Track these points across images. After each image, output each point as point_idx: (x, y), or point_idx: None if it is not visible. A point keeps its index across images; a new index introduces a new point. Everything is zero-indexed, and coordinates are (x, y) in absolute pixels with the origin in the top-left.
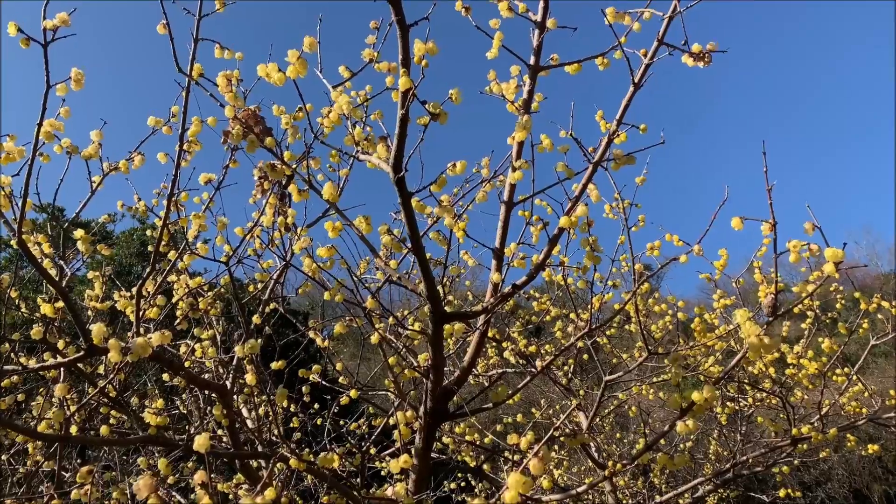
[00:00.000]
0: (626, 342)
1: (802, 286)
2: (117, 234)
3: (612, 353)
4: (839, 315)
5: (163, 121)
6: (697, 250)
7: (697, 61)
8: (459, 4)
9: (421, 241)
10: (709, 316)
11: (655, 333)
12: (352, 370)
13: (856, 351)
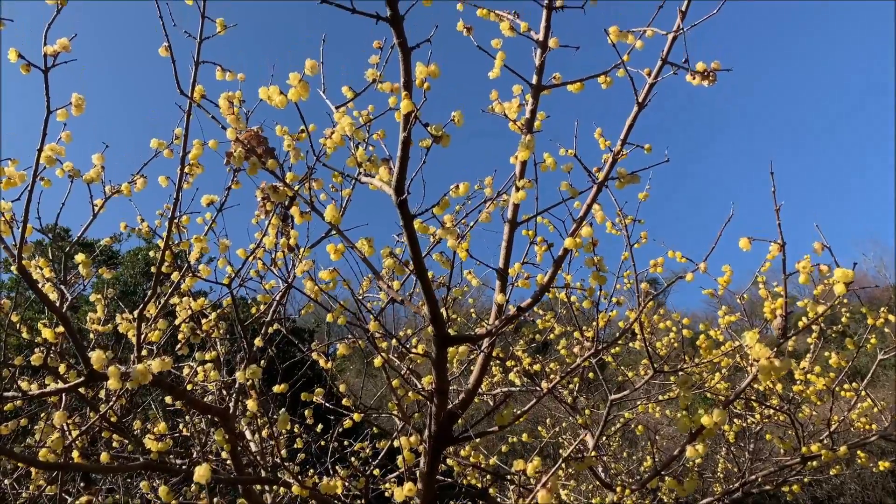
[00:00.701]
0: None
1: (812, 306)
2: (122, 254)
3: (618, 370)
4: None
5: (165, 143)
6: (703, 268)
7: (702, 80)
8: (461, 25)
9: (423, 264)
10: (714, 332)
11: (661, 350)
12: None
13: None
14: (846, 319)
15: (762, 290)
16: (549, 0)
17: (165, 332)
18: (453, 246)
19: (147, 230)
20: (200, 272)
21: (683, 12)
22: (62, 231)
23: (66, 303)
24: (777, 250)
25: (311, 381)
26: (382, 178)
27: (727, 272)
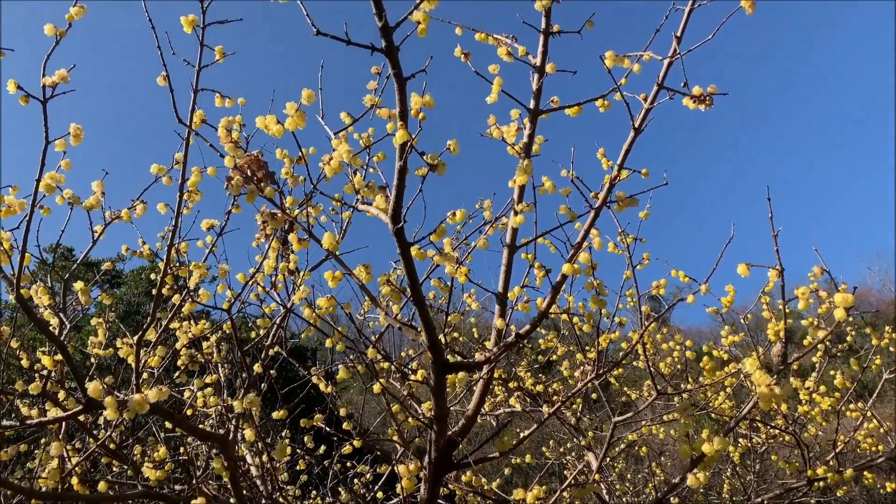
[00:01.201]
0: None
1: (813, 331)
2: (126, 273)
3: (622, 389)
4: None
5: (165, 168)
6: (704, 290)
7: (699, 104)
8: (459, 50)
9: (421, 292)
10: (718, 352)
11: (665, 370)
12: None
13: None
14: (851, 338)
15: (766, 311)
16: (546, 26)
17: (165, 358)
18: (451, 272)
19: (148, 253)
20: (200, 297)
21: (679, 37)
22: (66, 251)
23: (65, 330)
24: (776, 276)
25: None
26: (379, 206)
27: (731, 293)
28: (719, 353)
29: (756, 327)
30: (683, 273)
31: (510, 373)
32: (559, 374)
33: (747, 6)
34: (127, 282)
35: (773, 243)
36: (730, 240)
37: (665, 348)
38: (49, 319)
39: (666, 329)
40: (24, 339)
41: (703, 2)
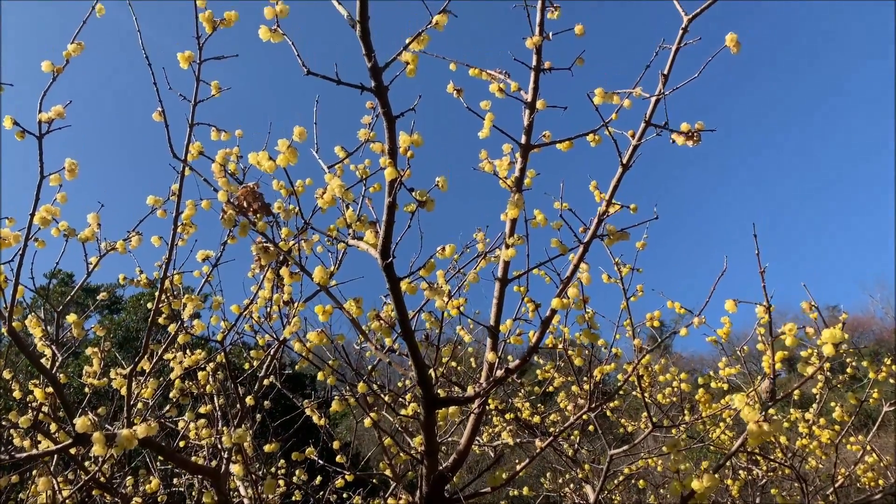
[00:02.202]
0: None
1: (802, 367)
2: (125, 299)
3: (619, 421)
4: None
5: (161, 200)
6: (698, 322)
7: (686, 140)
8: (451, 87)
9: (410, 327)
10: (716, 382)
11: (663, 400)
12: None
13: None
14: (851, 370)
15: (760, 343)
16: (538, 63)
17: (158, 390)
18: (442, 306)
19: (145, 282)
20: (194, 328)
21: (665, 76)
22: (65, 276)
23: (57, 362)
24: (763, 313)
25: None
26: (369, 242)
27: (727, 324)
28: (718, 384)
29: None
30: (679, 304)
31: (507, 403)
32: (557, 405)
33: (731, 46)
34: (126, 307)
35: (760, 280)
36: (723, 272)
37: (662, 380)
38: (42, 350)
39: (664, 360)
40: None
41: (689, 41)
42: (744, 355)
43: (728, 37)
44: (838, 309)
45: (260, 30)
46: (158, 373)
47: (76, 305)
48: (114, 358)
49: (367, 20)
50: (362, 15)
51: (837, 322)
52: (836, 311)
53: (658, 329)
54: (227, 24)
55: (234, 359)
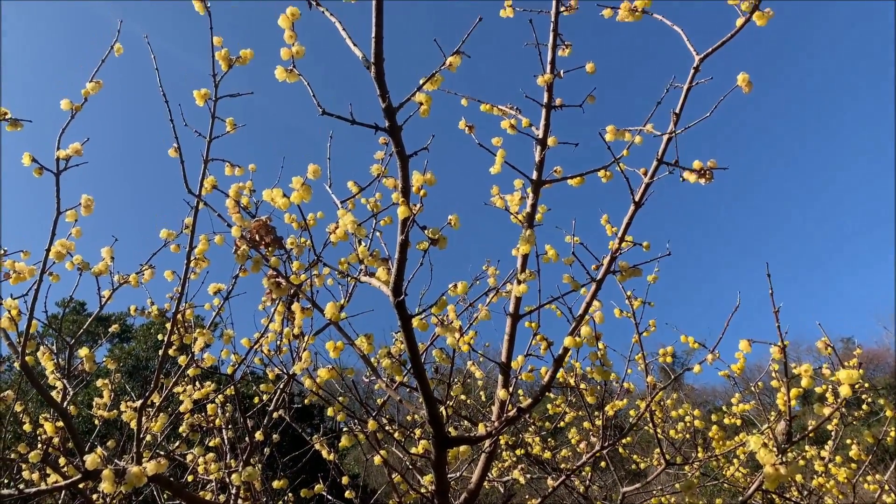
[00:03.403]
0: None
1: (819, 408)
2: (136, 328)
3: (631, 457)
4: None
5: (174, 233)
6: (711, 359)
7: (699, 178)
8: (463, 123)
9: (422, 365)
10: (729, 419)
11: (676, 436)
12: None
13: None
14: (867, 406)
15: (774, 381)
16: (549, 100)
17: (167, 425)
18: (453, 343)
19: (156, 314)
20: (205, 361)
21: (677, 115)
22: (77, 305)
23: (68, 396)
24: (778, 353)
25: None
26: (381, 278)
27: (741, 359)
28: (731, 420)
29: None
30: (693, 339)
31: (518, 438)
32: (568, 440)
33: (744, 86)
34: (136, 336)
35: (774, 320)
36: (736, 308)
37: (675, 415)
38: (53, 383)
39: (676, 394)
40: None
41: (700, 81)
42: (758, 391)
43: (740, 77)
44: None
45: (276, 70)
46: (168, 405)
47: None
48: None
49: (381, 62)
50: (377, 57)
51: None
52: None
53: (670, 364)
54: (243, 61)
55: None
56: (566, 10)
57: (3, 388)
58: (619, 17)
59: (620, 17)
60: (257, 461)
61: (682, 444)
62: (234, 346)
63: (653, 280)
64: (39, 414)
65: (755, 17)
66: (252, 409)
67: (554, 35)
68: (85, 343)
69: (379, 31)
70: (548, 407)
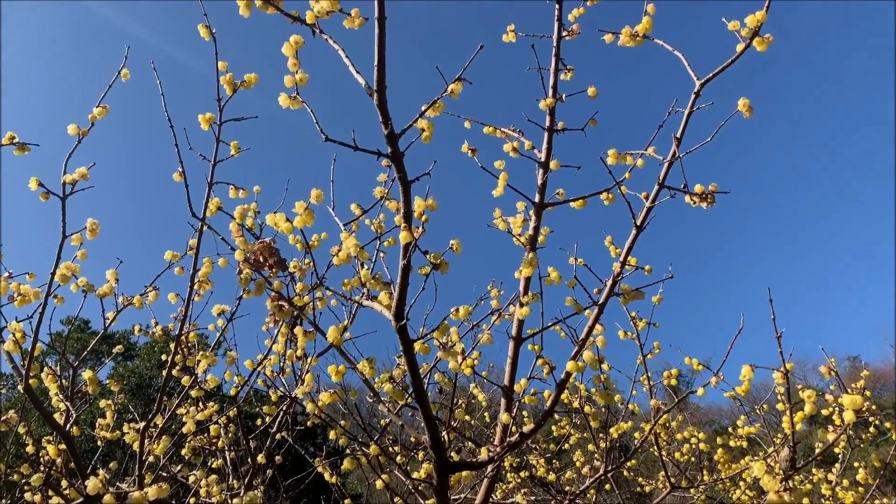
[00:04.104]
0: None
1: (823, 433)
2: (139, 346)
3: (635, 480)
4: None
5: (178, 255)
6: (716, 382)
7: (701, 202)
8: (466, 146)
9: (423, 390)
10: (735, 441)
11: (679, 458)
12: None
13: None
14: (874, 430)
15: (780, 404)
16: (551, 123)
17: (170, 447)
18: (455, 368)
19: (160, 334)
20: (208, 382)
21: (679, 139)
22: (81, 323)
23: (71, 419)
24: (781, 378)
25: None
26: (382, 303)
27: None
28: (737, 443)
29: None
30: (697, 361)
31: (523, 460)
32: (573, 462)
33: (744, 111)
34: (140, 354)
35: (776, 345)
36: (739, 331)
37: (680, 437)
38: (57, 405)
39: (682, 416)
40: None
41: (701, 105)
42: (763, 413)
43: (740, 102)
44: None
45: (280, 97)
46: (170, 425)
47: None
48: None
49: (384, 90)
50: (379, 84)
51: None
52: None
53: (675, 388)
54: (248, 86)
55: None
56: (568, 34)
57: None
58: (620, 42)
59: (622, 43)
60: (260, 483)
61: (687, 466)
62: (238, 368)
63: (657, 301)
64: (42, 432)
65: (755, 43)
66: (255, 430)
67: (556, 59)
68: (89, 361)
69: (381, 60)
70: (552, 429)
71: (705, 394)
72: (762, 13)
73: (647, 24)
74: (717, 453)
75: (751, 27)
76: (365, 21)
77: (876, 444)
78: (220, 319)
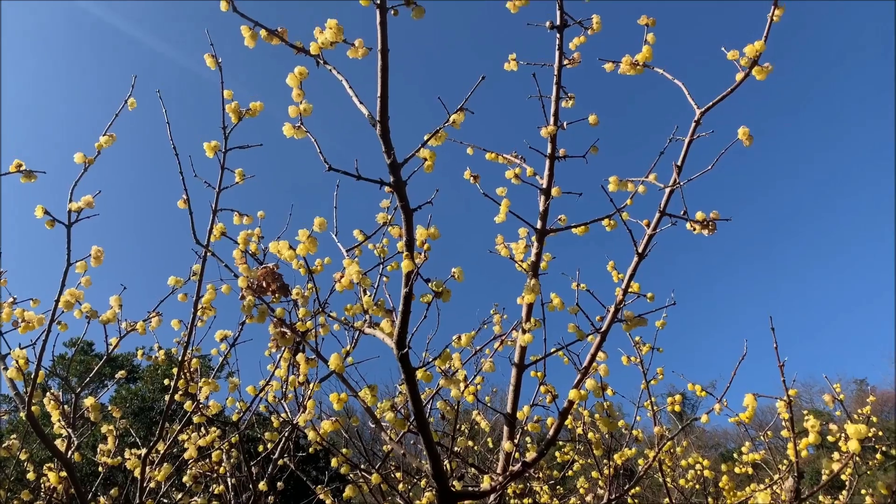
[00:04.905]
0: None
1: (828, 463)
2: (142, 368)
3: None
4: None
5: (182, 281)
6: (719, 409)
7: (702, 229)
8: (468, 173)
9: (425, 418)
10: (739, 468)
11: (684, 485)
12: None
13: None
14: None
15: (785, 430)
16: (552, 151)
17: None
18: (457, 396)
19: (163, 359)
20: (210, 408)
21: (679, 167)
22: (85, 344)
23: (73, 446)
24: (784, 408)
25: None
26: (384, 330)
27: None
28: (742, 470)
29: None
30: (700, 387)
31: (526, 486)
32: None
33: (744, 139)
34: (143, 377)
35: (779, 374)
36: (743, 357)
37: (684, 464)
38: (59, 432)
39: (686, 442)
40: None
41: (701, 134)
42: (768, 440)
43: (740, 130)
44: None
45: (284, 127)
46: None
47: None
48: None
49: (387, 120)
50: (382, 115)
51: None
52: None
53: (678, 414)
54: (253, 114)
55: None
56: (569, 62)
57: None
58: (620, 71)
59: (622, 71)
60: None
61: (692, 493)
62: (240, 394)
63: (661, 325)
64: (43, 456)
65: (754, 72)
66: (257, 456)
67: (557, 88)
68: (92, 384)
69: (384, 91)
70: (556, 454)
71: (709, 421)
72: (760, 43)
73: (647, 52)
74: (721, 480)
75: (750, 56)
76: (368, 51)
77: (884, 468)
78: (222, 344)
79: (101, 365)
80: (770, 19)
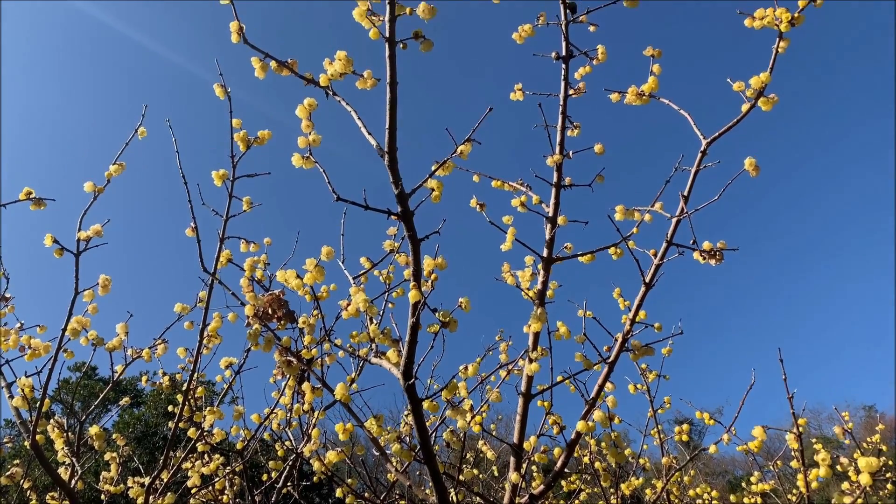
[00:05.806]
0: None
1: (839, 497)
2: (146, 393)
3: None
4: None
5: (188, 308)
6: (727, 439)
7: (709, 259)
8: (475, 201)
9: (432, 450)
10: (748, 499)
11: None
12: None
13: None
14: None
15: (795, 461)
16: (558, 179)
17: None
18: (464, 427)
19: (168, 386)
20: (214, 436)
21: (686, 197)
22: (90, 369)
23: (76, 475)
24: (794, 440)
25: None
26: (391, 360)
27: (758, 437)
28: (750, 500)
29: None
30: (708, 415)
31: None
32: None
33: (750, 170)
34: (146, 401)
35: (788, 405)
36: (751, 386)
37: (692, 494)
38: (62, 460)
39: (694, 471)
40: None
41: (708, 164)
42: (777, 470)
43: (747, 161)
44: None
45: (293, 158)
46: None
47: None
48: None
49: (395, 151)
50: (391, 146)
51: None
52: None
53: (686, 444)
54: (261, 142)
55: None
56: (574, 92)
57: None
58: (626, 101)
59: (628, 101)
60: None
61: None
62: (245, 422)
63: (667, 353)
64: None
65: (760, 103)
66: (261, 484)
67: (563, 117)
68: (95, 409)
69: (393, 123)
70: (562, 484)
71: (717, 451)
72: (766, 74)
73: (652, 83)
74: None
75: (755, 88)
76: (377, 82)
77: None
78: (227, 371)
79: (107, 393)
80: (775, 51)
